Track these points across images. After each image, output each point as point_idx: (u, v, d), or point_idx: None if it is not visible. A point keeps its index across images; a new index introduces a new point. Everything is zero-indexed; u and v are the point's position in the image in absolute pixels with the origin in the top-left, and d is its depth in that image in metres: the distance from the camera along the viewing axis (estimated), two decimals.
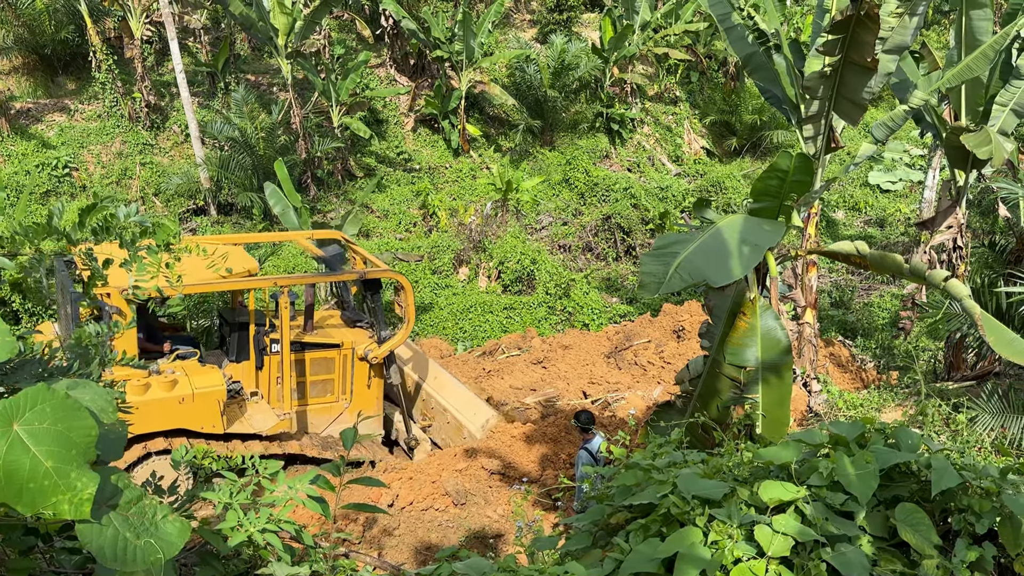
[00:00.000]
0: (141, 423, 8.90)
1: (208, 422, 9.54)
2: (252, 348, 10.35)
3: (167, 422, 9.32)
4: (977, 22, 11.53)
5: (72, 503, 2.14)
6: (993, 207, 17.40)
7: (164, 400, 9.18)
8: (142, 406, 8.78)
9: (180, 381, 9.42)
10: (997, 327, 5.66)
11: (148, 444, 9.25)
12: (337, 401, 11.02)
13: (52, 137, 21.78)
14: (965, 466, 3.04)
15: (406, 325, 11.20)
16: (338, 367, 10.88)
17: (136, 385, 9.04)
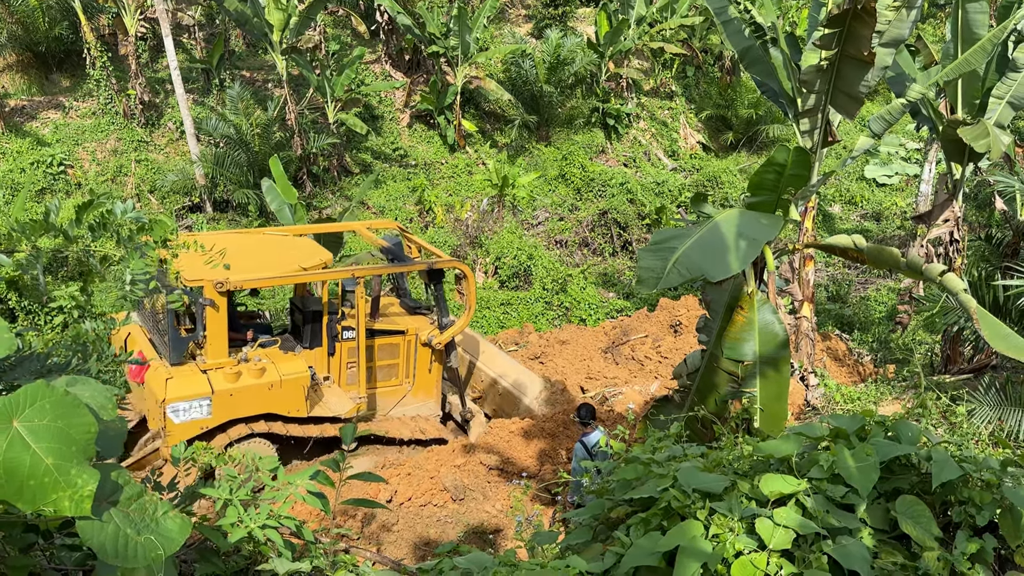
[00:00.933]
0: (235, 408, 9.45)
1: (294, 406, 9.91)
2: (325, 335, 10.67)
3: (258, 407, 9.69)
4: (973, 15, 11.53)
5: (72, 500, 2.13)
6: (989, 200, 17.42)
7: (255, 387, 9.58)
8: (235, 392, 9.35)
9: (268, 368, 9.79)
10: (993, 322, 5.66)
11: (252, 425, 9.72)
12: (401, 385, 11.43)
13: (47, 135, 21.72)
14: (965, 458, 3.05)
15: (467, 312, 11.56)
16: (402, 352, 11.31)
17: (229, 373, 9.44)
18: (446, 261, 11.55)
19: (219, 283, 9.19)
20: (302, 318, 10.93)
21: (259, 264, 10.09)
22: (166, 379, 9.30)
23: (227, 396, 9.34)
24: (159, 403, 9.13)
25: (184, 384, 9.30)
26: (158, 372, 9.44)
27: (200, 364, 9.59)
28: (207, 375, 9.46)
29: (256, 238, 11.56)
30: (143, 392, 9.85)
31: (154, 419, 9.54)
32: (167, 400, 9.13)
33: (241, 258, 9.94)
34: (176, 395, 9.17)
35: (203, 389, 9.29)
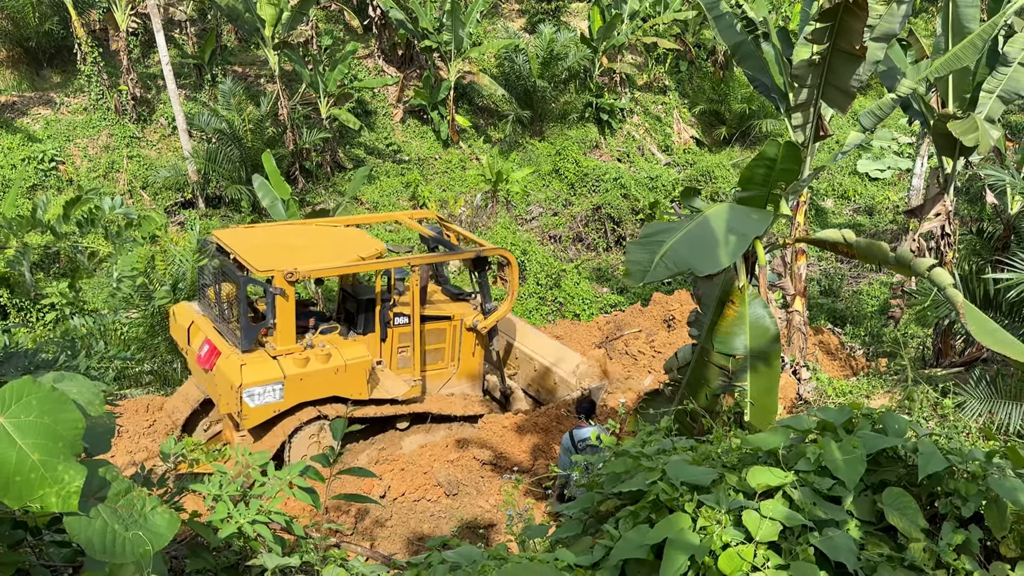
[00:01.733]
0: (305, 392, 9.89)
1: (357, 390, 10.32)
2: (377, 322, 11.07)
3: (325, 391, 10.11)
4: (964, 9, 11.56)
5: (60, 496, 2.14)
6: (981, 194, 17.49)
7: (323, 371, 10.01)
8: (305, 377, 9.78)
9: (333, 354, 10.20)
10: (980, 316, 5.69)
11: (321, 408, 10.14)
12: (447, 367, 11.88)
13: (38, 131, 21.63)
14: (951, 450, 3.06)
15: (510, 297, 11.92)
16: (449, 337, 11.79)
17: (298, 358, 9.84)
18: (491, 249, 11.89)
19: (289, 273, 9.66)
20: (356, 306, 11.36)
21: (321, 254, 10.56)
22: (240, 365, 9.65)
23: (298, 380, 9.82)
24: (235, 388, 9.46)
25: (258, 370, 9.68)
26: (230, 359, 9.78)
27: (270, 351, 10.00)
28: (278, 361, 9.85)
29: (311, 229, 12.05)
30: (210, 378, 10.21)
31: (226, 404, 9.87)
32: (243, 385, 9.48)
33: (304, 249, 10.52)
34: (251, 380, 9.54)
35: (276, 374, 9.70)
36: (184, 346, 11.06)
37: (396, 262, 11.23)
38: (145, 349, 14.18)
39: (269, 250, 10.36)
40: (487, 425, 11.29)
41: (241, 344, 9.92)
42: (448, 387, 11.82)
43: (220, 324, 10.53)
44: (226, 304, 10.41)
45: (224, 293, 10.45)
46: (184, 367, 14.30)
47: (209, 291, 10.88)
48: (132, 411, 11.97)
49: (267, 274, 9.75)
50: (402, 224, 14.55)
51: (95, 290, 16.48)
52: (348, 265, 10.57)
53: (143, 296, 13.20)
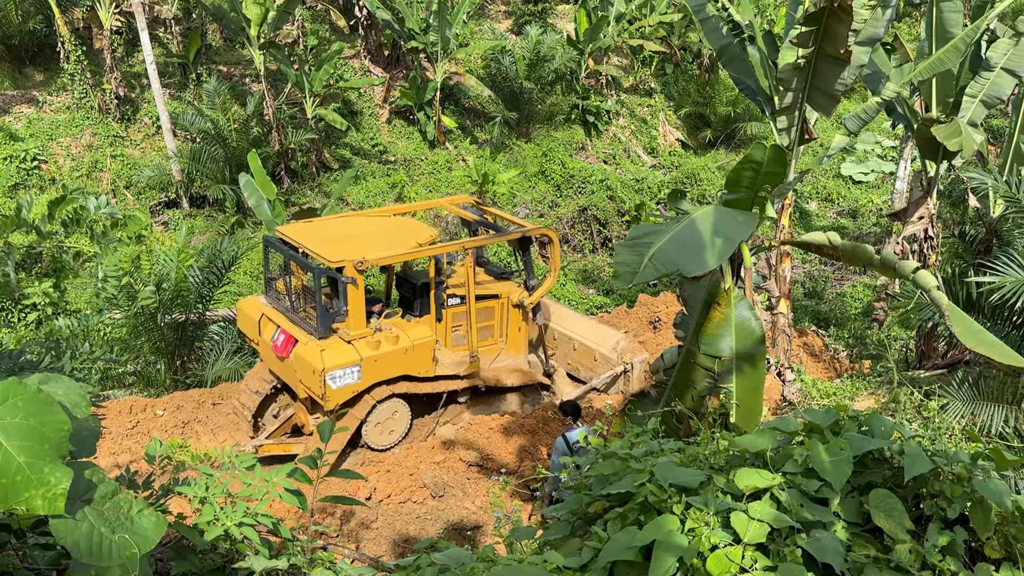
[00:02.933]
0: (378, 372, 10.53)
1: (423, 367, 11.00)
2: (433, 304, 11.62)
3: (395, 370, 10.74)
4: (947, 14, 11.68)
5: (45, 498, 2.12)
6: (963, 197, 17.66)
7: (394, 352, 10.64)
8: (379, 358, 10.45)
9: (400, 336, 10.81)
10: (964, 318, 5.74)
11: (393, 387, 10.79)
12: (496, 344, 12.39)
13: (20, 129, 21.43)
14: (937, 452, 3.09)
15: (552, 274, 12.56)
16: (497, 314, 12.34)
17: (371, 341, 10.46)
18: (535, 228, 12.56)
19: (359, 262, 10.24)
20: (411, 290, 11.95)
21: (382, 243, 11.09)
22: (321, 351, 10.19)
23: (372, 362, 10.45)
24: (318, 372, 10.01)
25: (337, 354, 10.23)
26: (309, 346, 10.31)
27: (343, 336, 10.52)
28: (353, 345, 10.42)
29: (366, 220, 12.57)
30: (286, 365, 10.76)
31: (307, 388, 10.46)
32: (326, 369, 10.03)
33: (365, 239, 11.04)
34: (333, 364, 10.10)
35: (353, 357, 10.29)
36: (255, 337, 11.51)
37: (451, 246, 11.82)
38: (128, 350, 14.09)
39: (335, 242, 10.83)
40: (473, 426, 11.29)
41: (318, 331, 10.44)
42: (498, 361, 12.34)
43: (291, 314, 11.04)
44: (295, 295, 11.01)
45: (294, 285, 11.06)
46: (168, 366, 14.21)
47: (278, 284, 11.42)
48: (115, 412, 11.88)
49: (339, 264, 10.24)
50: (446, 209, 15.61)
51: (79, 290, 16.36)
52: (410, 251, 11.12)
53: (127, 296, 13.11)
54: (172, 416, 11.98)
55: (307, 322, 10.65)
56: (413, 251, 11.11)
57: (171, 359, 14.28)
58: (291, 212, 18.50)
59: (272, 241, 11.44)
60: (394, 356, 10.63)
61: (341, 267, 10.22)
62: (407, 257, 11.31)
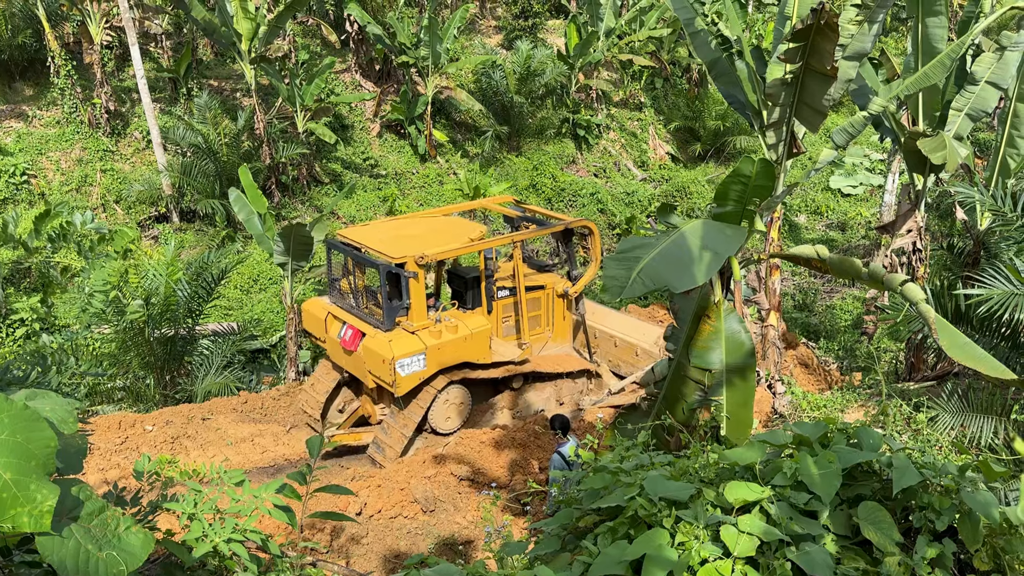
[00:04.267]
0: (442, 360, 11.17)
1: (481, 354, 11.63)
2: (484, 296, 12.26)
3: (456, 357, 11.36)
4: (933, 29, 11.78)
5: (32, 515, 2.10)
6: (951, 210, 17.78)
7: (455, 340, 11.27)
8: (441, 347, 11.09)
9: (459, 325, 11.41)
10: (951, 331, 5.75)
11: (452, 375, 11.43)
12: (543, 332, 13.01)
13: (9, 144, 21.36)
14: (925, 464, 3.09)
15: (593, 264, 13.16)
16: (543, 304, 12.94)
17: (433, 331, 11.11)
18: (576, 221, 13.09)
19: (420, 257, 10.89)
20: (462, 284, 12.56)
21: (438, 240, 11.66)
22: (389, 341, 10.84)
23: (436, 350, 11.07)
24: (388, 361, 10.62)
25: (405, 344, 10.87)
26: (377, 338, 10.97)
27: (407, 327, 11.13)
28: (417, 335, 11.04)
29: (419, 220, 13.26)
30: (354, 358, 11.37)
31: (376, 377, 11.04)
32: (395, 357, 10.64)
33: (422, 237, 11.63)
34: (402, 352, 10.73)
35: (419, 346, 10.92)
36: (321, 335, 12.11)
37: (502, 240, 12.40)
38: (117, 365, 14.01)
39: (394, 241, 11.44)
40: (464, 440, 11.26)
41: (384, 323, 11.08)
42: (546, 350, 12.92)
43: (356, 311, 11.69)
44: (360, 292, 11.78)
45: (358, 283, 11.83)
46: (157, 381, 14.14)
47: (341, 283, 12.09)
48: (104, 428, 11.81)
49: (400, 260, 10.86)
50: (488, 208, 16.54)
51: (67, 305, 16.28)
52: (464, 246, 11.70)
53: (115, 311, 13.05)
54: (161, 431, 11.92)
55: (372, 316, 11.35)
56: (467, 245, 11.72)
57: (160, 374, 14.21)
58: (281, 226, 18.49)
59: (335, 243, 12.04)
60: (455, 344, 11.28)
61: (403, 263, 10.86)
62: (463, 251, 11.84)
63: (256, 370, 16.90)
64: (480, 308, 12.23)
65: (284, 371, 16.30)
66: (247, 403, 13.77)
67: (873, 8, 10.05)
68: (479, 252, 12.15)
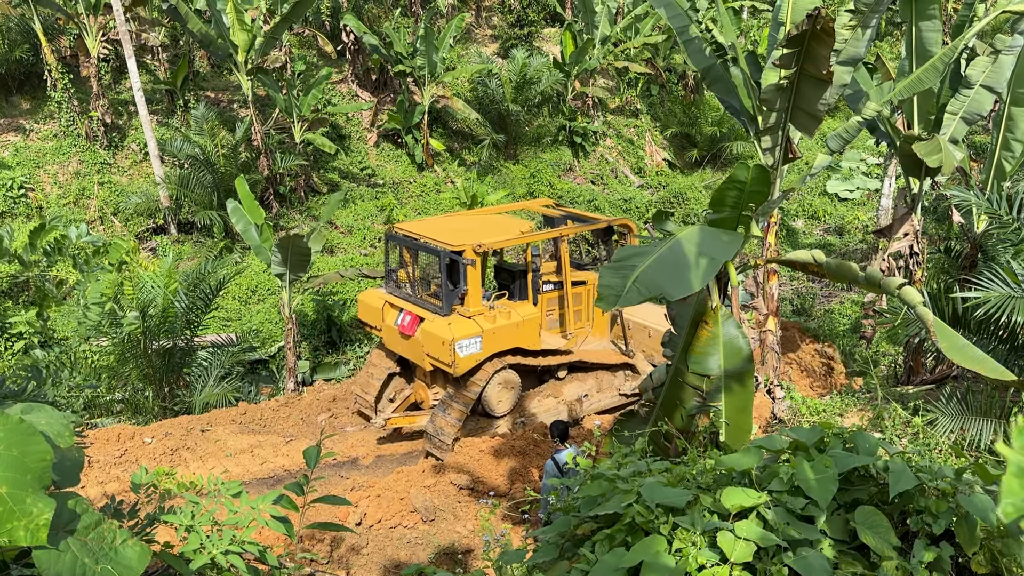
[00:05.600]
0: (496, 344, 11.81)
1: (531, 341, 12.30)
2: (530, 289, 12.90)
3: (509, 342, 12.00)
4: (927, 33, 11.83)
5: (28, 529, 2.10)
6: (948, 213, 17.79)
7: (508, 326, 11.94)
8: (496, 331, 11.74)
9: (512, 313, 12.12)
10: (949, 333, 5.76)
11: (506, 358, 12.06)
12: (584, 327, 13.59)
13: (7, 157, 21.38)
14: (921, 468, 3.09)
15: None
16: (584, 299, 13.52)
17: (488, 316, 11.77)
18: (617, 219, 13.80)
19: (479, 245, 11.60)
20: (510, 277, 13.29)
21: (491, 232, 12.42)
22: (449, 324, 11.51)
23: (492, 334, 11.71)
24: (447, 343, 11.27)
25: (463, 327, 11.53)
26: (436, 322, 11.66)
27: (464, 312, 11.79)
28: (474, 319, 11.69)
29: (470, 216, 14.31)
30: (412, 343, 12.00)
31: (434, 360, 11.66)
32: (455, 339, 11.29)
33: (476, 230, 12.40)
34: (461, 334, 11.39)
35: (476, 330, 11.58)
36: (377, 324, 12.78)
37: (551, 233, 13.12)
38: (116, 377, 13.99)
39: (452, 232, 12.17)
40: (463, 449, 11.25)
41: (443, 308, 11.79)
42: (587, 344, 13.46)
43: (414, 298, 12.47)
44: (418, 281, 12.66)
45: (416, 272, 12.70)
46: (156, 393, 14.12)
47: (399, 274, 12.88)
48: (103, 440, 11.80)
49: (460, 248, 11.57)
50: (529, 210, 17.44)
51: (64, 318, 16.27)
52: (518, 237, 12.52)
53: (112, 323, 13.04)
54: (160, 443, 11.90)
55: (429, 303, 12.11)
56: (519, 237, 12.52)
57: (159, 386, 14.19)
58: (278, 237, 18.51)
59: (394, 236, 12.80)
60: (508, 329, 11.95)
61: (462, 251, 11.54)
62: (516, 242, 12.75)
63: (255, 381, 16.89)
64: (526, 300, 12.89)
65: (283, 382, 16.29)
66: (246, 414, 13.77)
67: (867, 13, 10.09)
68: (527, 246, 13.00)
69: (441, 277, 11.86)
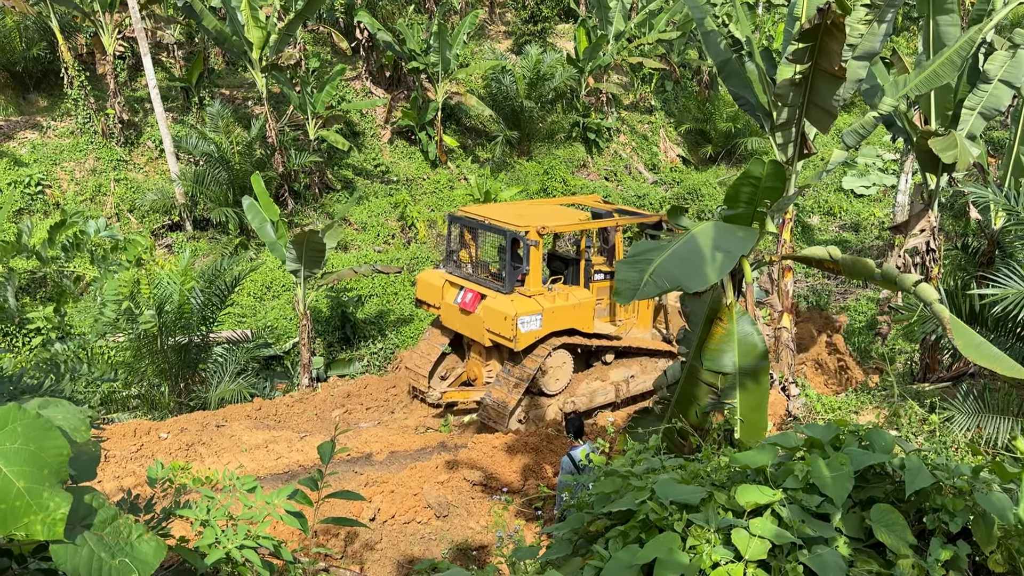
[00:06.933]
0: (554, 323, 12.29)
1: (585, 324, 12.76)
2: (582, 277, 13.41)
3: (566, 323, 12.46)
4: (944, 27, 11.72)
5: (45, 523, 2.12)
6: (965, 210, 17.65)
7: (566, 307, 12.50)
8: (555, 310, 12.27)
9: (569, 295, 12.66)
10: (965, 331, 5.71)
11: (564, 339, 12.49)
12: (630, 318, 14.02)
13: (24, 155, 21.56)
14: (938, 466, 3.07)
15: None
16: None
17: (547, 296, 12.34)
18: (664, 215, 14.05)
19: (542, 227, 12.15)
20: (563, 265, 13.96)
21: (553, 217, 13.02)
22: (511, 301, 12.09)
23: (551, 313, 12.23)
24: (510, 318, 11.82)
25: (525, 304, 12.07)
26: (498, 299, 12.25)
27: (524, 292, 12.29)
28: (534, 298, 12.21)
29: (530, 204, 15.19)
30: (471, 319, 12.58)
31: (495, 335, 12.16)
32: (518, 314, 11.82)
33: (538, 215, 12.93)
34: (523, 311, 11.92)
35: (537, 308, 12.10)
36: (436, 302, 13.37)
37: (608, 221, 13.63)
38: (132, 373, 14.09)
39: (515, 215, 12.77)
40: (477, 446, 11.26)
41: (506, 286, 12.35)
42: (631, 334, 13.87)
43: (475, 277, 13.11)
44: (479, 262, 13.41)
45: (478, 253, 13.48)
46: (172, 389, 14.21)
47: (461, 254, 13.50)
48: (119, 435, 11.88)
49: (524, 229, 12.08)
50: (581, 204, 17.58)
51: (81, 314, 16.40)
52: (577, 223, 13.09)
53: (128, 319, 13.13)
54: (176, 438, 11.98)
55: (491, 282, 12.75)
56: (577, 223, 13.08)
57: (175, 381, 14.29)
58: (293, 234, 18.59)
59: (458, 217, 13.38)
60: (566, 310, 12.45)
61: (526, 231, 12.04)
62: (576, 227, 13.28)
63: (270, 377, 16.97)
64: (579, 286, 13.33)
65: (297, 377, 16.36)
66: (261, 410, 13.84)
67: (883, 7, 10.00)
68: (580, 235, 13.59)
69: (504, 257, 12.44)
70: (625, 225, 13.79)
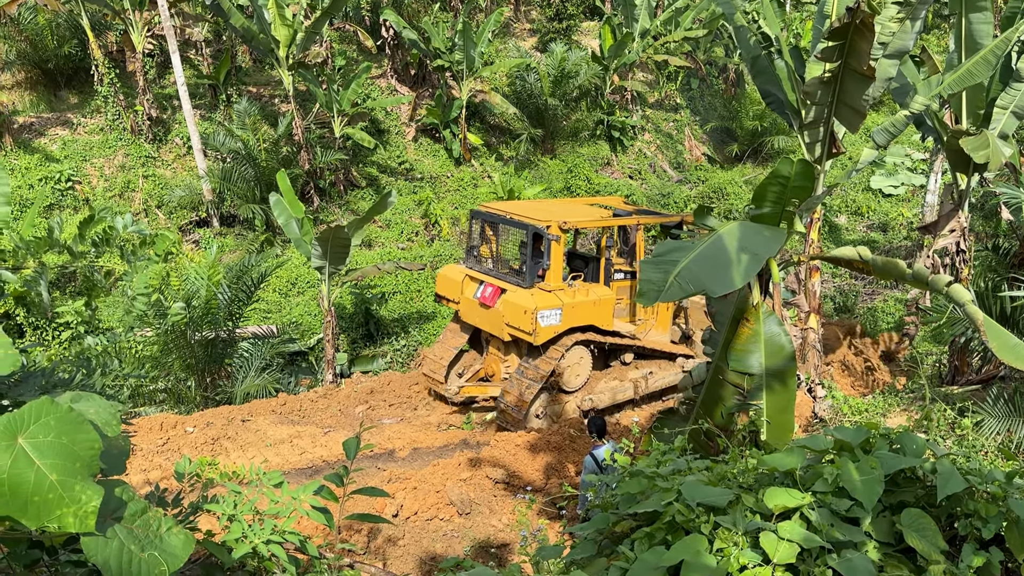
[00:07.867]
0: (574, 318, 12.24)
1: (605, 321, 12.69)
2: (602, 275, 13.31)
3: (585, 319, 12.41)
4: (977, 25, 11.53)
5: (77, 516, 2.14)
6: (996, 210, 17.38)
7: (586, 303, 12.40)
8: (575, 306, 12.21)
9: (589, 291, 12.62)
10: (1000, 332, 5.62)
11: (585, 335, 12.48)
12: (648, 319, 13.94)
13: (55, 151, 21.86)
14: (971, 471, 3.03)
15: None
16: None
17: (568, 292, 12.28)
18: (685, 215, 14.24)
19: (564, 222, 12.15)
20: (583, 263, 13.95)
21: (575, 213, 13.06)
22: (531, 295, 12.09)
23: (571, 308, 12.19)
24: (530, 312, 11.81)
25: (545, 298, 12.06)
26: (518, 293, 12.24)
27: (544, 287, 12.29)
28: (554, 293, 12.18)
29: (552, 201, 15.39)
30: (491, 313, 12.59)
31: (514, 329, 12.15)
32: (537, 308, 11.81)
33: (561, 212, 12.99)
34: (543, 305, 11.90)
35: (557, 302, 12.07)
36: (456, 296, 13.35)
37: (630, 220, 13.51)
38: (159, 367, 14.24)
39: (537, 211, 12.79)
40: (499, 443, 11.26)
41: (526, 280, 12.36)
42: (649, 335, 13.86)
43: (495, 272, 13.13)
44: (500, 257, 13.40)
45: (499, 249, 13.47)
46: (198, 383, 14.34)
47: (481, 249, 13.58)
48: (146, 429, 12.02)
49: (546, 224, 12.09)
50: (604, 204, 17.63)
51: (111, 309, 16.60)
52: (599, 220, 13.03)
53: (157, 314, 13.28)
54: (202, 433, 12.10)
55: (511, 276, 12.76)
56: (599, 220, 13.02)
57: (201, 376, 14.42)
58: (319, 231, 18.70)
59: (479, 213, 13.41)
60: (585, 306, 12.40)
61: (548, 226, 12.05)
62: (598, 224, 13.17)
63: (294, 372, 17.09)
64: (599, 284, 13.24)
65: (322, 373, 16.46)
66: (285, 405, 13.94)
67: (915, 5, 9.87)
68: (601, 233, 13.50)
69: (525, 252, 12.41)
70: (647, 224, 13.76)
